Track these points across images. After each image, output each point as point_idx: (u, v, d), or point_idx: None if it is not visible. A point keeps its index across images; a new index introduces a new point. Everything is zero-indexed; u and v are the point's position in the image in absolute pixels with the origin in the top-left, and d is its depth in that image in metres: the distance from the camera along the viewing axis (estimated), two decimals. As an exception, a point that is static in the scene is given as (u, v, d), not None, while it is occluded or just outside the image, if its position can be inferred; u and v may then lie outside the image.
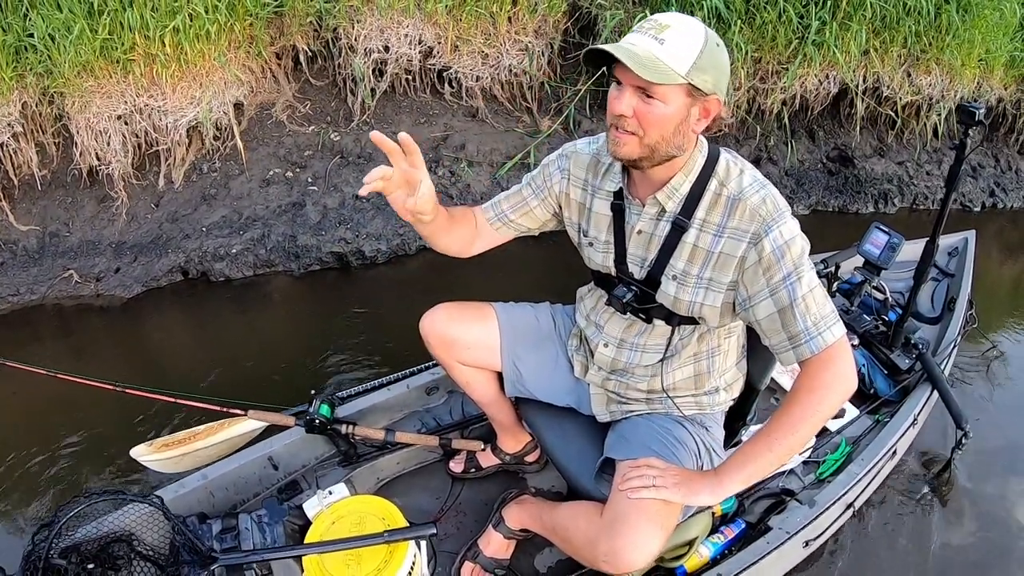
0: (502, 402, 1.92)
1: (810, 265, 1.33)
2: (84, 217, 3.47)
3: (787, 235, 1.31)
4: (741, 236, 1.33)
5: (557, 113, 4.27)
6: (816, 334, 1.28)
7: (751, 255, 1.32)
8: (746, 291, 1.35)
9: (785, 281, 1.29)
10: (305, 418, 1.93)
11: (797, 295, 1.29)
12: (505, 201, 1.65)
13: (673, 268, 1.42)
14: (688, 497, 1.37)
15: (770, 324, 1.33)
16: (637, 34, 1.24)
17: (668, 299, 1.46)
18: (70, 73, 3.22)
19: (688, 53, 1.22)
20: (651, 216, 1.43)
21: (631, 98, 1.25)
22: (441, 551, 1.91)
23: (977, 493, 2.43)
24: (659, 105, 1.24)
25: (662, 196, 1.39)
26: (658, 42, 1.21)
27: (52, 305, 3.22)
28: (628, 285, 1.51)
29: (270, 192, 3.66)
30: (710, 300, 1.41)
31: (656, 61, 1.20)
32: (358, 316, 3.20)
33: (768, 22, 4.01)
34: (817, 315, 1.29)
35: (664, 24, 1.23)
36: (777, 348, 1.35)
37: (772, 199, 1.33)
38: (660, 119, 1.25)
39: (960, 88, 4.59)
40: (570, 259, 1.74)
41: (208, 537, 1.73)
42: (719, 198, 1.36)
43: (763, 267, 1.31)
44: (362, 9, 3.77)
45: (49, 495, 2.33)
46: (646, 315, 1.53)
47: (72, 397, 2.45)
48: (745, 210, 1.33)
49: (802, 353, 1.30)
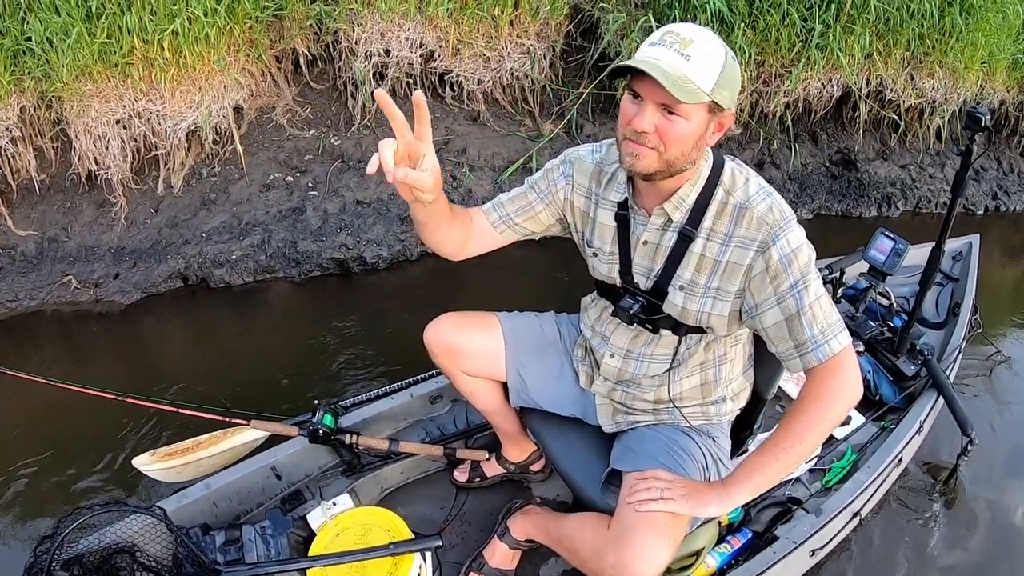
0: (506, 411, 1.91)
1: (816, 273, 1.33)
2: (83, 222, 3.44)
3: (794, 243, 1.31)
4: (748, 245, 1.33)
5: (559, 117, 4.24)
6: (823, 342, 1.29)
7: (758, 263, 1.32)
8: (753, 299, 1.36)
9: (792, 289, 1.30)
10: (308, 428, 1.93)
11: (804, 303, 1.29)
12: (509, 204, 1.61)
13: (680, 278, 1.42)
14: (696, 509, 1.37)
15: (777, 332, 1.34)
16: (660, 48, 1.21)
17: (676, 309, 1.45)
18: (68, 77, 3.19)
19: (713, 70, 1.21)
20: (657, 227, 1.42)
21: (653, 114, 1.22)
22: (446, 561, 1.90)
23: (983, 500, 2.42)
24: (681, 122, 1.23)
25: (669, 207, 1.38)
26: (684, 58, 1.19)
27: (51, 311, 3.20)
28: (634, 296, 1.50)
29: (270, 197, 3.64)
30: (718, 309, 1.41)
31: (685, 80, 1.18)
32: (359, 323, 3.17)
33: (771, 25, 3.99)
34: (824, 323, 1.30)
35: (687, 39, 1.20)
36: (784, 356, 1.36)
37: (779, 207, 1.33)
38: (681, 136, 1.24)
39: (963, 91, 4.58)
40: (573, 265, 1.74)
41: (211, 549, 1.73)
42: (726, 207, 1.36)
43: (770, 275, 1.31)
44: (362, 12, 3.75)
45: (51, 506, 2.30)
46: (653, 326, 1.52)
47: (73, 406, 2.44)
48: (752, 218, 1.32)
49: (809, 361, 1.31)
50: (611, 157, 1.52)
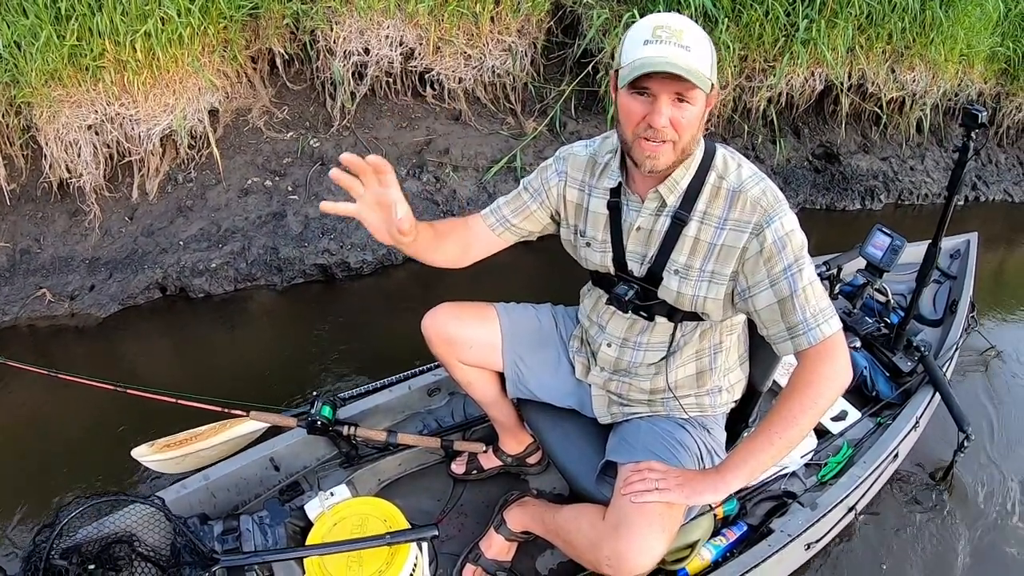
0: (503, 403, 1.94)
1: (809, 258, 1.36)
2: (56, 232, 3.34)
3: (788, 226, 1.34)
4: (743, 227, 1.35)
5: (541, 114, 4.20)
6: (815, 325, 1.32)
7: (752, 245, 1.35)
8: (746, 281, 1.38)
9: (786, 272, 1.32)
10: (307, 419, 1.94)
11: (798, 286, 1.32)
12: (506, 206, 1.65)
13: (675, 263, 1.44)
14: (692, 497, 1.39)
15: (769, 314, 1.36)
16: (659, 44, 1.24)
17: (670, 294, 1.47)
18: (37, 82, 3.09)
19: (707, 54, 1.27)
20: (651, 211, 1.44)
21: (667, 107, 1.26)
22: (442, 553, 1.92)
23: (979, 495, 2.43)
24: (690, 108, 1.27)
25: (664, 189, 1.40)
26: (685, 49, 1.23)
27: (25, 326, 3.10)
28: (628, 283, 1.52)
29: (249, 202, 3.55)
30: (713, 293, 1.43)
31: (697, 70, 1.22)
32: (344, 330, 3.12)
33: (755, 20, 3.99)
34: (816, 307, 1.32)
35: (678, 29, 1.24)
36: (774, 339, 1.38)
37: (771, 191, 1.37)
38: (692, 121, 1.29)
39: (943, 83, 4.64)
40: (562, 262, 1.74)
41: (209, 538, 1.76)
42: (719, 191, 1.39)
43: (764, 257, 1.34)
44: (341, 10, 3.67)
45: (50, 496, 2.29)
46: (648, 312, 1.54)
47: (73, 397, 2.45)
48: (746, 202, 1.35)
49: (800, 344, 1.33)
50: (605, 148, 1.55)
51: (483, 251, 1.68)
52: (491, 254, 1.70)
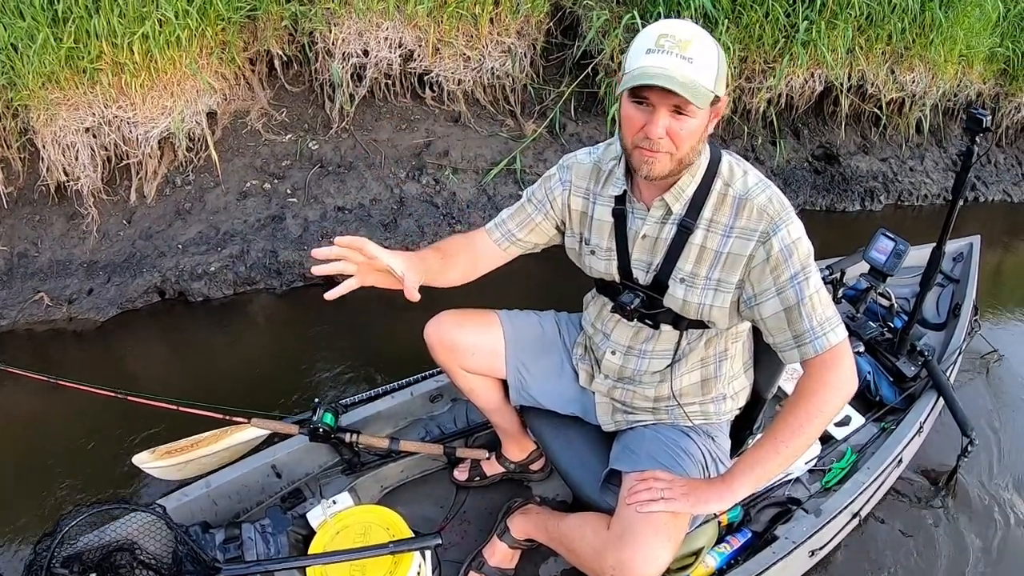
0: (506, 409, 1.93)
1: (815, 267, 1.35)
2: (53, 236, 3.31)
3: (795, 234, 1.33)
4: (750, 235, 1.34)
5: (541, 116, 4.19)
6: (821, 334, 1.31)
7: (759, 253, 1.34)
8: (752, 289, 1.37)
9: (792, 280, 1.32)
10: (308, 426, 1.94)
11: (804, 295, 1.31)
12: (510, 220, 1.65)
13: (681, 271, 1.43)
14: (697, 507, 1.38)
15: (775, 323, 1.35)
16: (660, 55, 1.22)
17: (676, 303, 1.46)
18: (34, 84, 3.06)
19: (712, 66, 1.24)
20: (656, 219, 1.44)
21: (665, 119, 1.24)
22: (446, 560, 1.91)
23: (983, 501, 2.42)
24: (689, 121, 1.25)
25: (670, 197, 1.39)
26: (687, 61, 1.20)
27: (23, 330, 3.07)
28: (634, 291, 1.51)
29: (248, 205, 3.53)
30: (719, 301, 1.41)
31: (696, 84, 1.20)
32: (345, 335, 3.09)
33: (755, 21, 3.98)
34: (822, 316, 1.32)
35: (683, 40, 1.22)
36: (780, 347, 1.38)
37: (778, 198, 1.36)
38: (691, 133, 1.27)
39: (942, 84, 4.63)
40: (565, 269, 1.73)
41: (211, 547, 1.75)
42: (725, 198, 1.38)
43: (771, 265, 1.33)
44: (339, 12, 3.65)
45: (51, 504, 2.29)
46: (653, 320, 1.53)
47: (72, 404, 2.46)
48: (752, 209, 1.34)
49: (806, 352, 1.33)
50: (608, 155, 1.54)
51: (490, 266, 1.68)
52: (498, 267, 1.70)
